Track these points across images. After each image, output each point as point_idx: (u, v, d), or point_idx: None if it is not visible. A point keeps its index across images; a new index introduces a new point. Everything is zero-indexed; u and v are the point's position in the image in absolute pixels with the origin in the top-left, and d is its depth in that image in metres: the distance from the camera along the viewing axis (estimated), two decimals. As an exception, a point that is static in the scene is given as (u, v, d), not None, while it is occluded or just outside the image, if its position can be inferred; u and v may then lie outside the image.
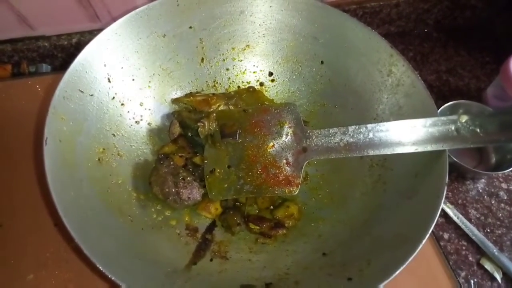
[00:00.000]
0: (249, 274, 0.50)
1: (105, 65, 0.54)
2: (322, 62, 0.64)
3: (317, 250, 0.52)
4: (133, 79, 0.58)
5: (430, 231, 0.45)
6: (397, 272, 0.43)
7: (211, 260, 0.52)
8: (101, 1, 0.68)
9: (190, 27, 0.61)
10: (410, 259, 0.43)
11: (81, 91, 0.51)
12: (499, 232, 0.64)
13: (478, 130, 0.50)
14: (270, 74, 0.67)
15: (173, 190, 0.52)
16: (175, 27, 0.60)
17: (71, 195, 0.44)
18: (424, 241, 0.44)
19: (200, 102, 0.60)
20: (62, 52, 0.74)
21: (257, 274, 0.50)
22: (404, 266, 0.43)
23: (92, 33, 0.72)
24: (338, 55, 0.63)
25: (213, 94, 0.62)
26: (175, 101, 0.62)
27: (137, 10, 0.56)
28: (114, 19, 0.55)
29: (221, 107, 0.60)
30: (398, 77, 0.58)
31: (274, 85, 0.68)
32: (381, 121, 0.58)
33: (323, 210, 0.59)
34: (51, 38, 0.72)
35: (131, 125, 0.59)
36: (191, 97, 0.61)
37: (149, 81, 0.60)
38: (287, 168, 0.54)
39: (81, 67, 0.51)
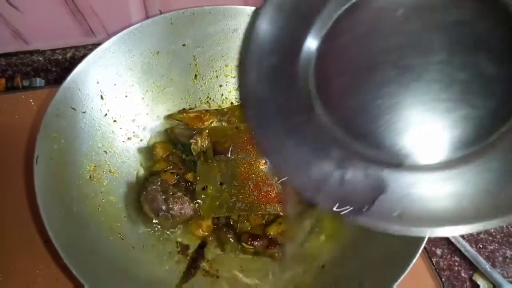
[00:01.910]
0: None
1: (98, 82, 0.55)
2: None
3: (307, 271, 0.52)
4: (126, 96, 0.58)
5: (421, 249, 0.45)
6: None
7: (202, 278, 0.52)
8: (96, 16, 0.68)
9: (184, 45, 0.61)
10: (401, 279, 0.43)
11: (73, 108, 0.51)
12: (492, 247, 0.64)
13: None
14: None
15: (163, 207, 0.52)
16: (168, 44, 0.60)
17: (61, 214, 0.44)
18: (415, 259, 0.44)
19: (193, 119, 0.60)
20: (57, 66, 0.74)
21: None
22: (396, 285, 0.43)
23: (86, 48, 0.73)
24: None
25: (206, 110, 0.63)
26: (168, 117, 0.62)
27: (131, 28, 0.56)
28: (109, 34, 0.56)
29: (214, 124, 0.60)
30: None
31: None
32: None
33: (312, 231, 0.58)
34: (46, 53, 0.73)
35: (123, 141, 0.59)
36: (184, 114, 0.61)
37: (142, 98, 0.61)
38: (279, 186, 0.54)
39: (74, 84, 0.51)
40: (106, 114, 0.56)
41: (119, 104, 0.58)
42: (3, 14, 0.63)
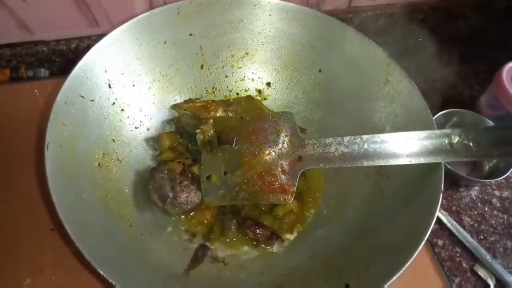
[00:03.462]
0: (247, 280, 0.50)
1: (106, 71, 0.55)
2: (320, 71, 0.65)
3: (315, 256, 0.53)
4: (133, 85, 0.59)
5: (426, 238, 0.46)
6: (394, 279, 0.43)
7: (209, 265, 0.52)
8: (100, 7, 0.68)
9: (190, 34, 0.61)
10: (406, 266, 0.44)
11: (82, 96, 0.51)
12: (492, 239, 0.65)
13: (471, 144, 0.51)
14: (268, 82, 0.68)
15: (170, 195, 0.53)
16: (175, 34, 0.60)
17: (71, 200, 0.44)
18: (420, 247, 0.45)
19: (199, 108, 0.60)
20: (61, 57, 0.74)
21: (255, 279, 0.50)
22: (401, 272, 0.44)
23: (90, 39, 0.73)
24: (335, 64, 0.64)
25: (212, 100, 0.63)
26: (174, 107, 0.63)
27: (139, 17, 0.56)
28: (113, 25, 0.56)
29: (220, 114, 0.61)
30: (395, 86, 0.59)
31: (272, 92, 0.68)
32: (377, 130, 0.59)
33: (320, 218, 0.59)
34: (50, 43, 0.72)
35: (131, 130, 0.59)
36: (191, 103, 0.61)
37: (149, 87, 0.61)
38: (282, 176, 0.54)
39: (83, 72, 0.52)
40: (114, 103, 0.56)
41: (126, 93, 0.58)
42: (8, 4, 0.63)
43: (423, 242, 0.45)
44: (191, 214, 0.56)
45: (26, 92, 0.68)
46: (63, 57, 0.74)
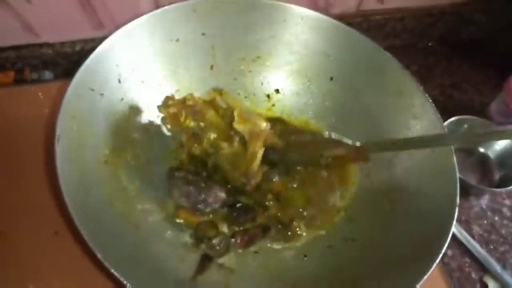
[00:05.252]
0: None
1: (117, 65, 0.54)
2: (331, 79, 0.64)
3: (325, 264, 0.52)
4: (143, 81, 0.58)
5: (443, 251, 0.45)
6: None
7: (216, 272, 0.51)
8: (106, 9, 0.68)
9: (203, 34, 0.60)
10: (423, 280, 0.43)
11: (92, 89, 0.50)
12: (503, 249, 0.64)
13: None
14: (278, 87, 0.67)
15: (200, 198, 0.53)
16: (189, 32, 0.59)
17: (80, 198, 0.43)
18: (437, 261, 0.44)
19: (173, 118, 0.57)
20: (65, 59, 0.74)
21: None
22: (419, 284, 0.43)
23: (95, 41, 0.72)
24: (347, 73, 0.63)
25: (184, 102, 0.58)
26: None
27: (154, 12, 0.56)
28: (118, 28, 0.55)
29: (191, 124, 0.57)
30: (408, 97, 0.58)
31: (281, 98, 0.67)
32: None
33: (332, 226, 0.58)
34: (55, 46, 0.72)
35: (138, 128, 0.57)
36: (168, 106, 0.57)
37: (159, 85, 0.60)
38: None
39: (94, 65, 0.51)
40: (122, 99, 0.55)
41: (135, 90, 0.57)
42: (13, 6, 0.63)
43: (440, 256, 0.45)
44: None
45: (30, 95, 0.68)
46: (68, 60, 0.74)
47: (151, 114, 0.59)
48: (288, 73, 0.66)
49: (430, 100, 0.57)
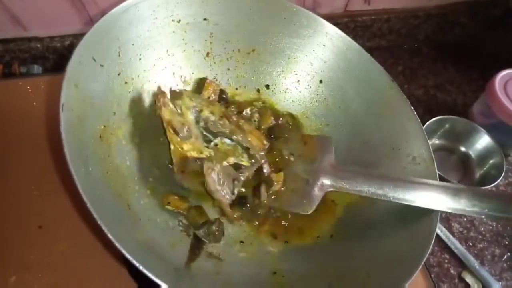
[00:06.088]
0: (245, 280, 0.50)
1: (118, 38, 0.53)
2: (321, 81, 0.66)
3: (311, 259, 0.53)
4: (140, 59, 0.57)
5: (429, 249, 0.47)
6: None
7: (206, 260, 0.51)
8: (95, 4, 0.68)
9: (205, 19, 0.61)
10: (409, 280, 0.45)
11: (93, 59, 0.49)
12: (481, 246, 0.66)
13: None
14: (268, 83, 0.68)
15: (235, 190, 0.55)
16: (191, 15, 0.60)
17: (83, 172, 0.42)
18: (424, 258, 0.47)
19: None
20: (54, 54, 0.74)
21: (252, 280, 0.50)
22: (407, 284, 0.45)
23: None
24: (337, 77, 0.64)
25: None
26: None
27: None
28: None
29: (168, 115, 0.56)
30: (393, 109, 0.60)
31: (270, 94, 0.68)
32: (369, 148, 0.61)
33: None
34: (44, 40, 0.72)
35: (132, 106, 0.56)
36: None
37: (154, 64, 0.59)
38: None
39: (97, 35, 0.50)
40: (119, 73, 0.54)
41: (132, 66, 0.56)
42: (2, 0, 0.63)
43: (427, 254, 0.47)
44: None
45: (19, 89, 0.68)
46: (57, 54, 0.74)
47: (145, 94, 0.59)
48: (278, 70, 0.67)
49: (416, 115, 0.59)
